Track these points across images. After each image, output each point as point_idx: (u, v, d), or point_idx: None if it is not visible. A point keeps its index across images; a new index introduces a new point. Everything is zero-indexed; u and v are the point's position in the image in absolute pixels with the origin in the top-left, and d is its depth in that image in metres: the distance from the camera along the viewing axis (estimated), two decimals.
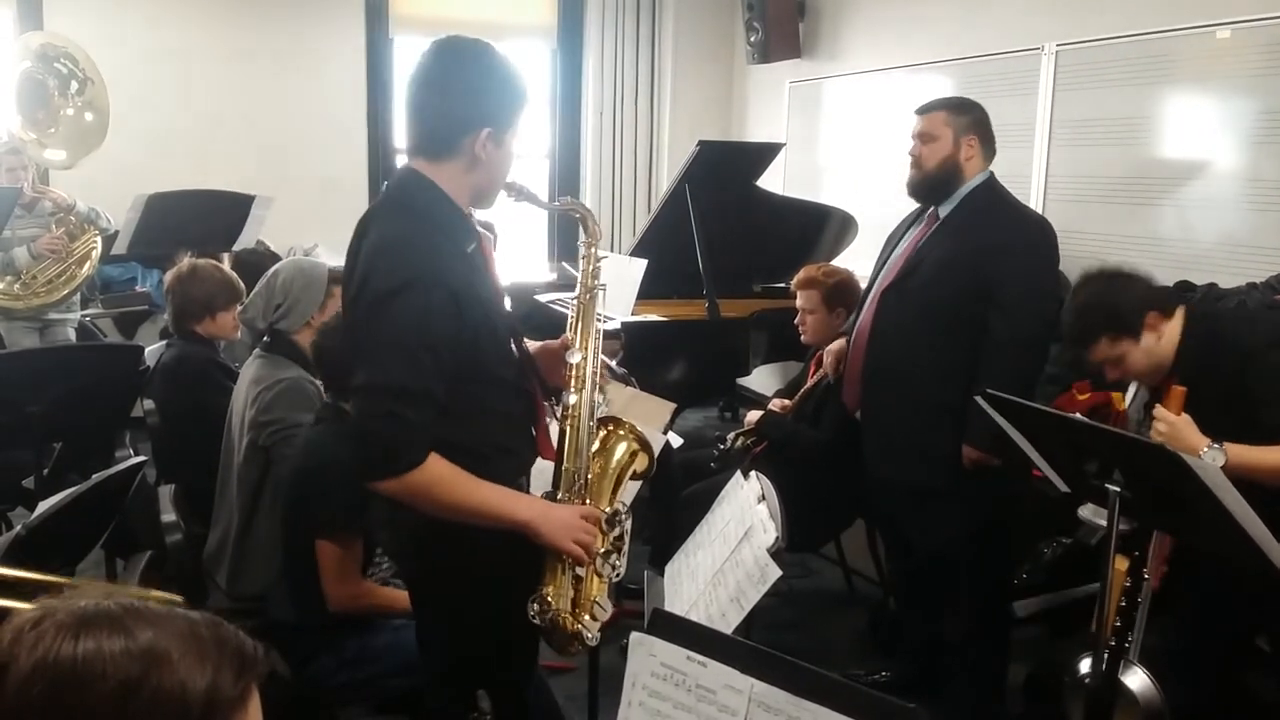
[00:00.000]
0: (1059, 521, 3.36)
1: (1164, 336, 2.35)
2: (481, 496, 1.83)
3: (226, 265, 3.88)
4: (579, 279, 2.08)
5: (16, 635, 0.88)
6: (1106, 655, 2.12)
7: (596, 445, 2.06)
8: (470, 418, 1.88)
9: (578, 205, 2.18)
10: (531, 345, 2.10)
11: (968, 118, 2.97)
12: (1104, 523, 2.50)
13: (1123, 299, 2.37)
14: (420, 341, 1.75)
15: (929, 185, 2.98)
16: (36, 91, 4.67)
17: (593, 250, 2.09)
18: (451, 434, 1.82)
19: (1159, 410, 2.23)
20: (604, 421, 2.09)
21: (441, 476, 1.79)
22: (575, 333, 2.04)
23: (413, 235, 1.83)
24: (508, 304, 3.02)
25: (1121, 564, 2.12)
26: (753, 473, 2.28)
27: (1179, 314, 2.38)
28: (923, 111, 3.02)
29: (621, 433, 2.11)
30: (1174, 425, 2.19)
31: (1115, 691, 2.11)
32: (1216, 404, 2.26)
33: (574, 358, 2.01)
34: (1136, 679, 2.16)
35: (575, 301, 2.07)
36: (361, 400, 1.79)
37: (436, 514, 1.82)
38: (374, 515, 2.18)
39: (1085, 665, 2.27)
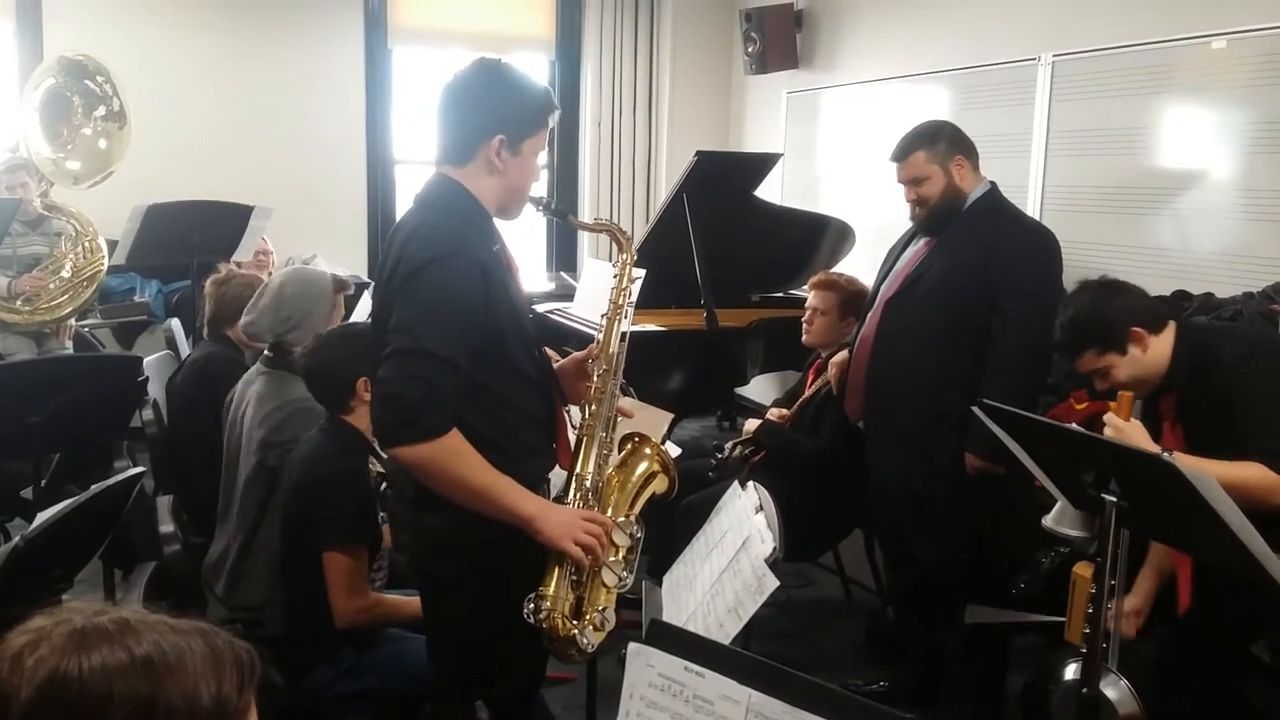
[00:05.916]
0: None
1: (1150, 350, 2.35)
2: (492, 482, 1.87)
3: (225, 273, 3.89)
4: (610, 296, 2.12)
5: (15, 663, 0.84)
6: (1084, 664, 2.12)
7: (618, 459, 2.10)
8: (500, 413, 1.94)
9: (612, 226, 2.23)
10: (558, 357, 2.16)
11: (943, 143, 2.96)
12: (1067, 532, 2.52)
13: (1110, 313, 2.37)
14: (449, 310, 1.83)
15: (938, 218, 2.99)
16: (60, 107, 4.68)
17: (627, 269, 2.13)
18: (485, 429, 1.89)
19: (1108, 416, 2.23)
20: (629, 438, 2.13)
21: (460, 451, 1.84)
22: (600, 346, 2.09)
23: (440, 220, 1.93)
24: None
25: (1085, 570, 2.11)
26: (750, 483, 2.28)
27: (1170, 329, 2.38)
28: (899, 158, 3.01)
29: (646, 451, 2.15)
30: (1121, 430, 2.19)
31: (1096, 701, 2.10)
32: (1209, 423, 2.26)
33: (596, 370, 2.07)
34: (1115, 688, 2.16)
35: (603, 317, 2.12)
36: (390, 365, 1.83)
37: (446, 490, 1.86)
38: (397, 519, 2.19)
39: (1069, 673, 2.27)
